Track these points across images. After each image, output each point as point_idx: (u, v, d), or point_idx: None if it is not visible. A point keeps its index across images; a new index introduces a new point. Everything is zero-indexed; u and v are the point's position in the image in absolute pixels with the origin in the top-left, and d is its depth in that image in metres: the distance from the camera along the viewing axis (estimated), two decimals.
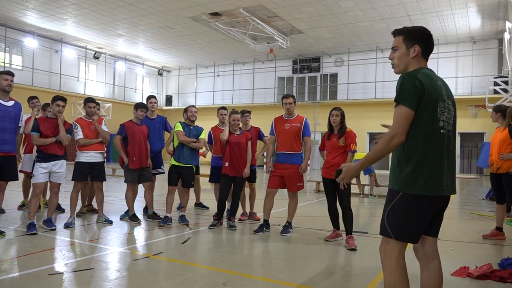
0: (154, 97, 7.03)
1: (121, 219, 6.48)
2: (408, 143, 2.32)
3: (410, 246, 5.48)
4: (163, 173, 7.05)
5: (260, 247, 5.10)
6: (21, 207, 7.10)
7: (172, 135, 6.77)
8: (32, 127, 5.53)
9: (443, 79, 2.54)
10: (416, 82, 2.28)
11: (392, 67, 2.55)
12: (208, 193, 8.87)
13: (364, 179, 11.64)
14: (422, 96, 2.27)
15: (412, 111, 2.27)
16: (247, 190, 6.90)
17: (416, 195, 2.29)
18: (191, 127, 6.31)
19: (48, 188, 5.95)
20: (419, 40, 2.43)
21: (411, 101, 2.27)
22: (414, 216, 2.32)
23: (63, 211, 6.92)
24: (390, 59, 2.55)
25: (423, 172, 2.29)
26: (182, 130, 6.21)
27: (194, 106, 6.48)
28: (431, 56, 2.55)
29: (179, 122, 6.32)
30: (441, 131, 2.35)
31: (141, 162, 6.29)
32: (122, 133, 6.29)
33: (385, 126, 2.78)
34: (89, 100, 6.22)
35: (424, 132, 2.31)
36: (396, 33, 2.52)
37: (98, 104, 6.45)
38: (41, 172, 5.45)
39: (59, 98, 5.67)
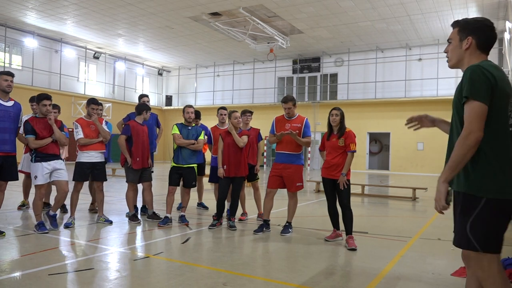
0: (146, 95, 7.05)
1: (127, 216, 6.51)
2: None
3: (409, 246, 5.44)
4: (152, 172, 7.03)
5: (260, 247, 5.10)
6: (21, 207, 7.10)
7: (161, 131, 7.08)
8: (26, 130, 5.35)
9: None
10: (486, 74, 2.09)
11: (447, 61, 2.42)
12: (208, 193, 8.87)
13: (363, 179, 11.62)
14: (495, 89, 2.08)
15: (485, 105, 2.06)
16: (249, 191, 6.89)
17: (495, 199, 2.08)
18: (189, 128, 6.28)
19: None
20: (473, 31, 2.26)
21: (484, 95, 2.07)
22: (497, 223, 2.11)
23: (65, 211, 6.92)
24: (445, 52, 2.41)
25: (495, 173, 2.09)
26: (179, 132, 6.17)
27: (190, 106, 6.36)
28: (430, 56, 2.49)
29: (176, 124, 6.28)
30: None
31: (143, 162, 6.30)
32: (127, 133, 6.23)
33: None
34: (92, 102, 6.12)
35: (493, 129, 2.10)
36: (453, 24, 2.37)
37: (101, 105, 6.43)
38: (44, 172, 5.41)
39: (44, 97, 5.44)
